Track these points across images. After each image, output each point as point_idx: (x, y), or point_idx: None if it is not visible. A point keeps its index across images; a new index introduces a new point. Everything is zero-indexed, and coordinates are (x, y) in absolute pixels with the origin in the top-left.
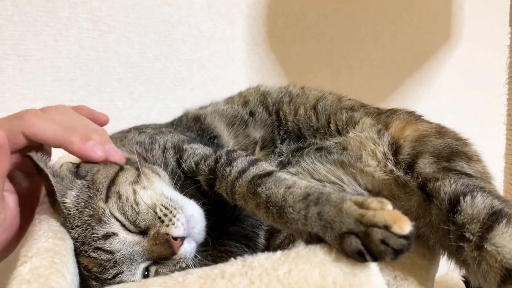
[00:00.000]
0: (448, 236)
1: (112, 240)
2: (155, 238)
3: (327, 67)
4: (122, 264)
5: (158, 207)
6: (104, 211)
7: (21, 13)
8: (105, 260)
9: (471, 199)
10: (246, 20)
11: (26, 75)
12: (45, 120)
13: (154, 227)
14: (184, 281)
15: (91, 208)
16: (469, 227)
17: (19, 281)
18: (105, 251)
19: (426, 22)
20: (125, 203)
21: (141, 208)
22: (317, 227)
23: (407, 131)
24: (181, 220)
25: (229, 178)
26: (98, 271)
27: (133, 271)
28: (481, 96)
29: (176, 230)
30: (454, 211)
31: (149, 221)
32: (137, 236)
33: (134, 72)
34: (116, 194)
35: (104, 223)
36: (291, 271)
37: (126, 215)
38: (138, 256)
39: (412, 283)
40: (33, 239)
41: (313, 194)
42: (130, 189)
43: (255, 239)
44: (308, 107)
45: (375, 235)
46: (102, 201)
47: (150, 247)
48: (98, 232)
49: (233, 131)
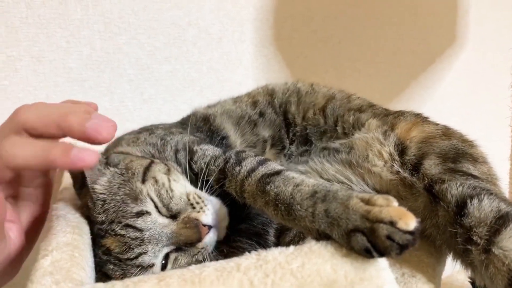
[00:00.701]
0: (455, 238)
1: (145, 218)
2: (185, 221)
3: (333, 70)
4: (148, 244)
5: (191, 195)
6: (142, 190)
7: (35, 15)
8: (132, 238)
9: (478, 202)
10: (254, 23)
11: (39, 76)
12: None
13: (185, 211)
14: (201, 273)
15: (128, 188)
16: (476, 230)
17: (41, 273)
18: (135, 229)
19: (431, 25)
20: (161, 187)
21: (175, 194)
22: (324, 224)
23: (413, 132)
24: (211, 210)
25: (239, 177)
26: (120, 251)
27: (156, 253)
28: (486, 99)
29: (206, 217)
30: (461, 214)
31: (182, 206)
32: (167, 219)
33: (144, 74)
34: (152, 179)
35: (140, 201)
36: (304, 264)
37: (161, 197)
38: (165, 238)
39: (420, 280)
40: (51, 234)
41: (321, 192)
42: (165, 177)
43: (266, 236)
44: (317, 110)
45: (381, 230)
46: (140, 182)
47: (179, 230)
48: (133, 209)
49: (240, 130)
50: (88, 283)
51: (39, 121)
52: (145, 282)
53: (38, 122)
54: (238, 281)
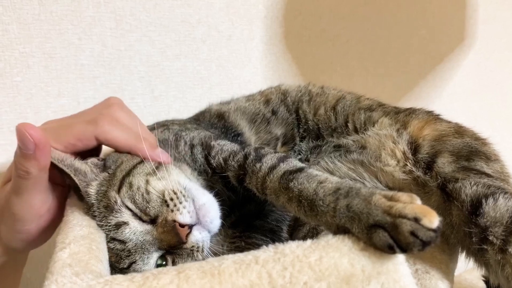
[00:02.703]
0: (469, 237)
1: (123, 229)
2: (163, 225)
3: (342, 68)
4: (135, 254)
5: (166, 191)
6: (117, 200)
7: (47, 12)
8: (119, 250)
9: (493, 201)
10: (263, 21)
11: (51, 73)
12: (118, 128)
13: (162, 214)
14: (220, 265)
15: (107, 198)
16: (492, 230)
17: (60, 265)
18: (118, 241)
19: (440, 24)
20: (136, 191)
21: (151, 197)
22: (344, 218)
23: (425, 131)
24: (188, 208)
25: (260, 173)
26: (115, 260)
27: (145, 260)
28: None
29: (182, 217)
30: (476, 213)
31: (158, 208)
32: (148, 226)
33: (155, 71)
34: (128, 184)
35: (116, 212)
36: (321, 258)
37: (136, 203)
38: (149, 245)
39: (434, 277)
40: (68, 227)
41: (343, 188)
42: (143, 179)
43: (279, 233)
44: (328, 107)
45: (404, 226)
46: (115, 191)
47: (159, 235)
48: (111, 221)
49: (255, 127)
50: (107, 274)
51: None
52: (164, 273)
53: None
54: (257, 274)
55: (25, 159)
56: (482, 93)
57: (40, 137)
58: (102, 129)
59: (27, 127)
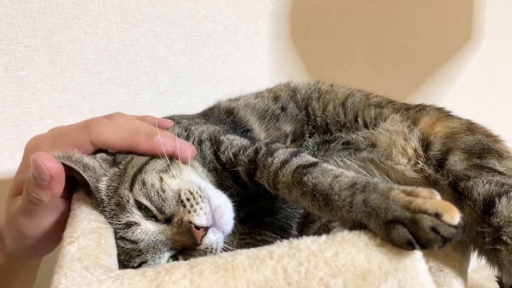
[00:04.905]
0: (482, 236)
1: (134, 230)
2: (179, 226)
3: (348, 65)
4: (146, 253)
5: (182, 191)
6: (129, 200)
7: (52, 5)
8: (130, 249)
9: (507, 200)
10: (270, 16)
11: (56, 67)
12: (110, 127)
13: (178, 214)
14: (233, 260)
15: (118, 196)
16: (506, 230)
17: (69, 259)
18: (129, 241)
19: (447, 22)
20: (150, 189)
21: (167, 195)
22: (361, 213)
23: (437, 128)
24: (204, 210)
25: (271, 168)
26: (125, 259)
27: (157, 260)
28: (502, 96)
29: (199, 219)
30: (489, 213)
31: (173, 206)
32: (161, 225)
33: (160, 66)
34: (140, 182)
35: (127, 212)
36: (338, 254)
37: (152, 201)
38: (162, 245)
39: (448, 275)
40: (75, 222)
41: (360, 183)
42: (157, 177)
43: (289, 230)
44: (337, 104)
45: (424, 222)
46: (128, 189)
47: (173, 236)
48: (122, 220)
49: (264, 124)
50: (116, 269)
51: (111, 142)
52: (177, 268)
53: (111, 143)
54: (272, 269)
55: (38, 188)
56: (488, 91)
57: (56, 169)
58: (94, 132)
59: (43, 158)
